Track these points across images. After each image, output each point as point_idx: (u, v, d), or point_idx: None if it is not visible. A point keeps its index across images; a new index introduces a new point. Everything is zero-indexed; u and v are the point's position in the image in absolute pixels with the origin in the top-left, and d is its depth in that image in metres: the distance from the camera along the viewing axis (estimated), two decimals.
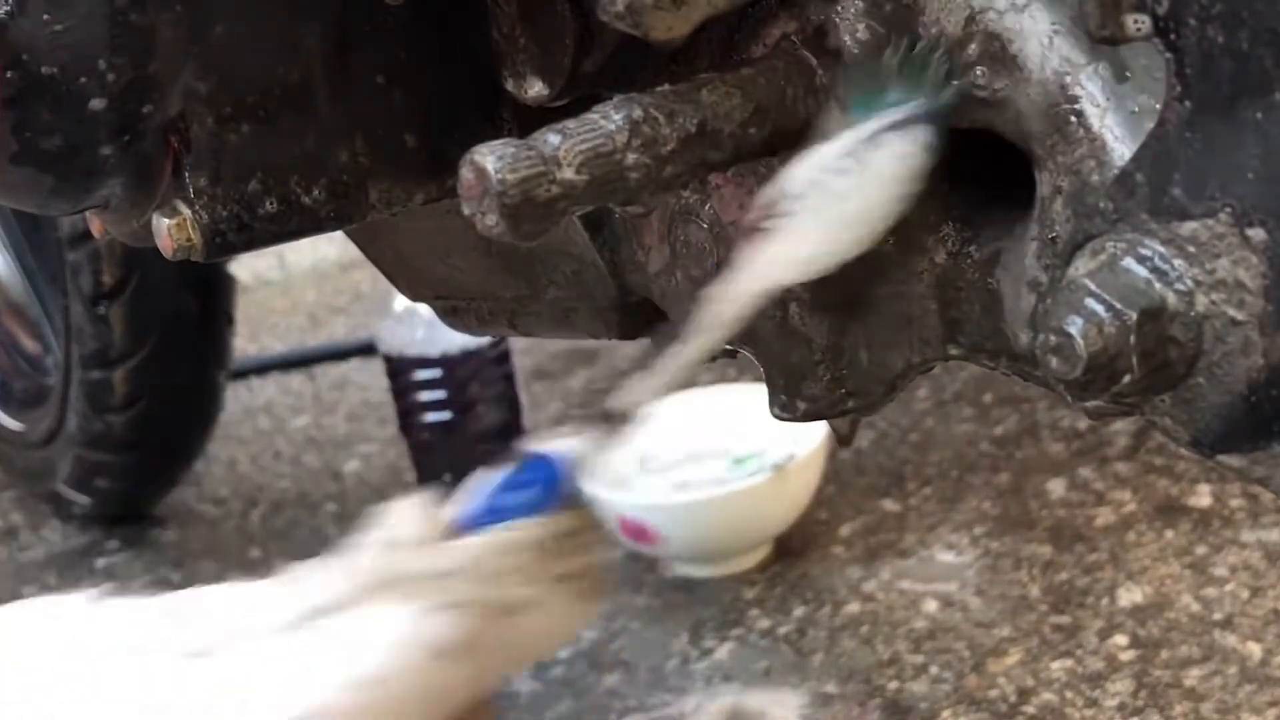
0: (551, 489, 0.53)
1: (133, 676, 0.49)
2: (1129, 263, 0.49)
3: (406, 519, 0.53)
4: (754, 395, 1.28)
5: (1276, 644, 1.09)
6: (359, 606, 0.50)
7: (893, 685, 1.13)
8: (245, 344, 1.89)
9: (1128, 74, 0.50)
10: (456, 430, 1.38)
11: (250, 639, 0.50)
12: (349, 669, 0.48)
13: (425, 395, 1.38)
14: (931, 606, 1.21)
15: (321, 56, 0.62)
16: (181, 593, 0.52)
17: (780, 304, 0.61)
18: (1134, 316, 0.47)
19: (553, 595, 0.52)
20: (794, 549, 1.32)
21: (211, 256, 0.61)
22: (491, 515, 0.53)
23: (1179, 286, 0.48)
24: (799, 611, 1.24)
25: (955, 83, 0.52)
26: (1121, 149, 0.50)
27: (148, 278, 1.39)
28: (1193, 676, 1.08)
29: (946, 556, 1.27)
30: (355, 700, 0.48)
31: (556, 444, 0.54)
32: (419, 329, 1.36)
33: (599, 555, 0.54)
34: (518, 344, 1.53)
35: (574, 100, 0.61)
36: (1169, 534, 1.24)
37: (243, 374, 1.86)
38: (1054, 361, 0.48)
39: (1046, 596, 1.19)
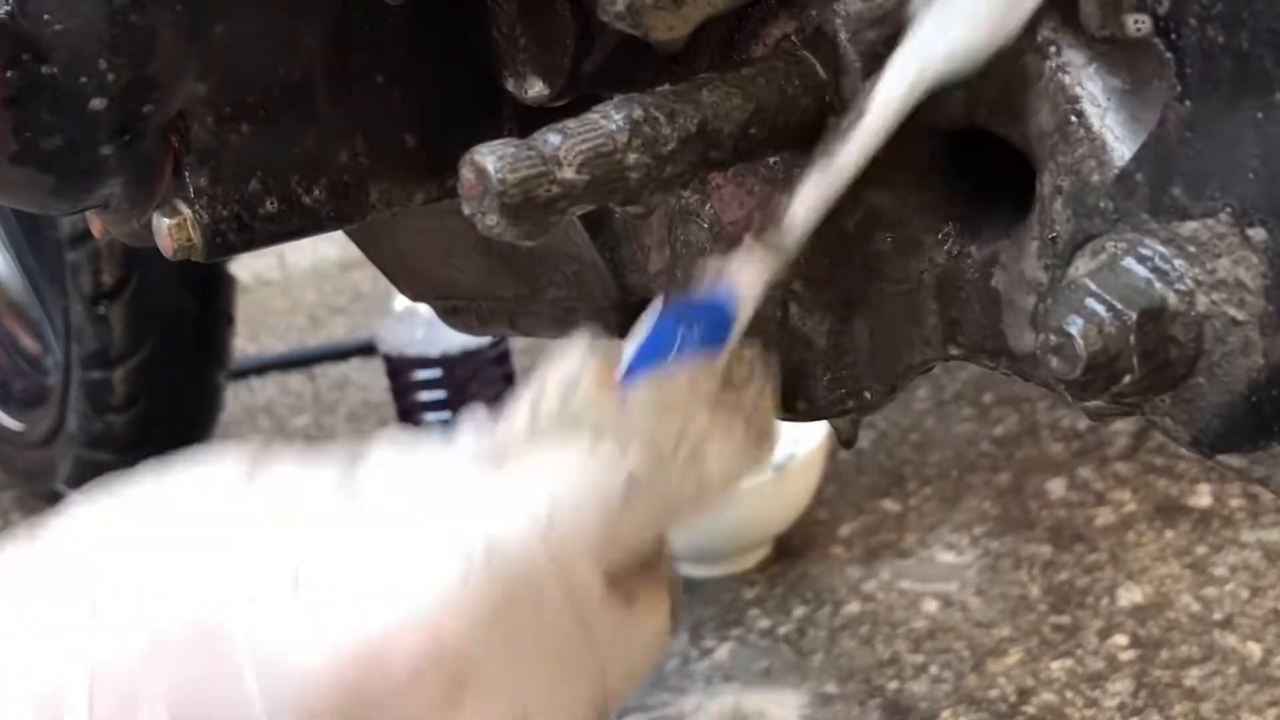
0: (716, 329, 0.53)
1: (310, 514, 0.48)
2: (1129, 263, 0.49)
3: (573, 365, 0.52)
4: None
5: (1276, 644, 1.10)
6: (540, 447, 0.50)
7: (893, 685, 1.13)
8: (245, 344, 1.89)
9: (1128, 74, 0.50)
10: None
11: (431, 476, 0.49)
12: (531, 506, 0.48)
13: (425, 395, 1.38)
14: (931, 606, 1.21)
15: (321, 56, 0.62)
16: (350, 446, 0.51)
17: (780, 304, 0.61)
18: (1134, 316, 0.47)
19: (728, 432, 0.52)
20: (794, 549, 1.32)
21: (212, 256, 0.61)
22: (661, 352, 0.53)
23: (1179, 286, 0.48)
24: (799, 611, 1.24)
25: None
26: (1122, 149, 0.50)
27: (148, 278, 1.39)
28: (1193, 676, 1.08)
29: (946, 556, 1.28)
30: (538, 536, 0.47)
31: (719, 276, 0.53)
32: (419, 329, 1.37)
33: (769, 389, 0.53)
34: (518, 344, 1.53)
35: (574, 100, 0.61)
36: (1169, 534, 1.24)
37: (243, 374, 1.86)
38: (1054, 361, 0.48)
39: (1046, 596, 1.19)
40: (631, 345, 0.53)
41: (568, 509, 0.48)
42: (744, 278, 0.53)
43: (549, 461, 0.49)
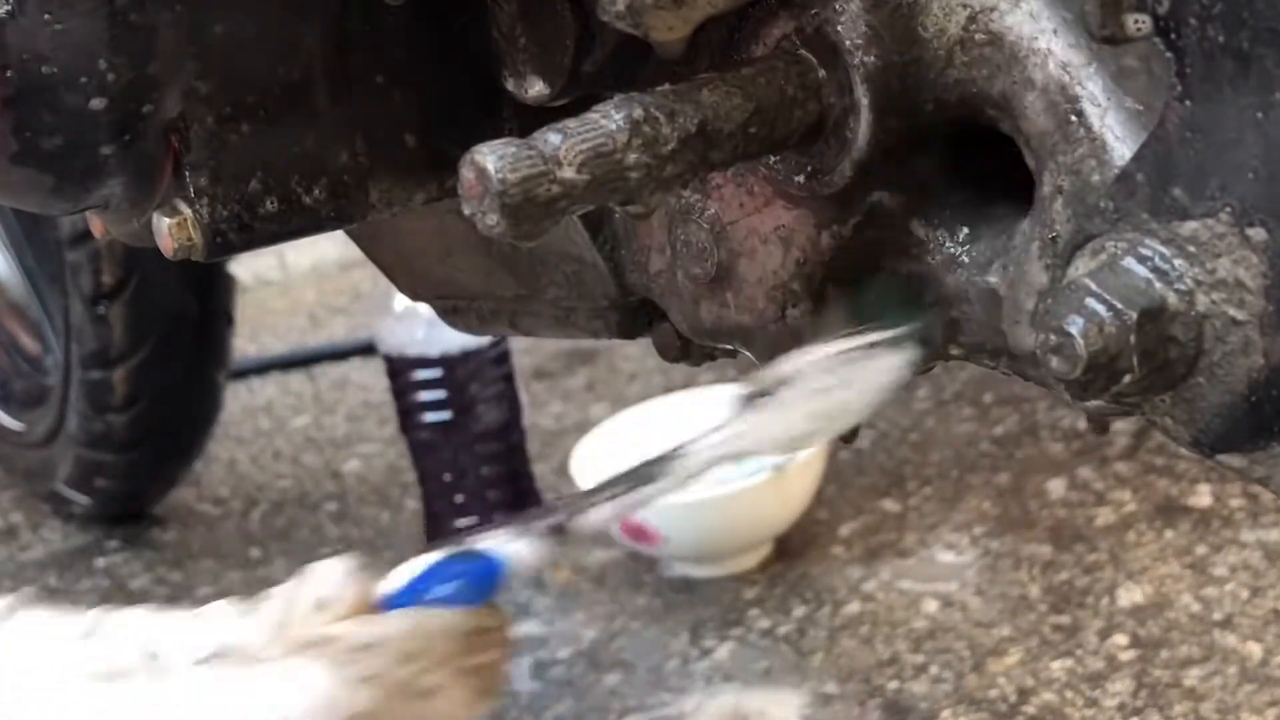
0: (479, 586, 0.55)
1: (34, 698, 0.50)
2: (1129, 262, 0.49)
3: (334, 581, 0.54)
4: None
5: (1276, 644, 1.09)
6: (277, 659, 0.51)
7: (893, 685, 1.13)
8: (245, 344, 1.89)
9: (1128, 74, 0.50)
10: (456, 430, 1.38)
11: (163, 670, 0.51)
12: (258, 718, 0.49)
13: (425, 395, 1.38)
14: (931, 606, 1.21)
15: (321, 56, 0.62)
16: (102, 613, 0.53)
17: (779, 305, 0.61)
18: (1134, 316, 0.47)
19: (456, 685, 0.54)
20: (794, 549, 1.32)
21: (212, 256, 0.61)
22: (415, 599, 0.55)
23: (1179, 286, 0.48)
24: (799, 611, 1.24)
25: (938, 314, 0.57)
26: (1122, 149, 0.50)
27: (148, 278, 1.39)
28: (1193, 676, 1.08)
29: (946, 556, 1.28)
30: None
31: (494, 542, 0.56)
32: (419, 329, 1.36)
33: (504, 656, 0.56)
34: (518, 344, 1.53)
35: (574, 100, 0.61)
36: (1169, 534, 1.24)
37: (243, 374, 1.86)
38: (1054, 361, 0.48)
39: (1046, 596, 1.19)
40: (390, 583, 0.55)
41: None
42: (521, 554, 0.56)
43: (285, 676, 0.51)
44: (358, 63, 0.63)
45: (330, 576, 0.54)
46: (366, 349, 1.85)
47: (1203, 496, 1.28)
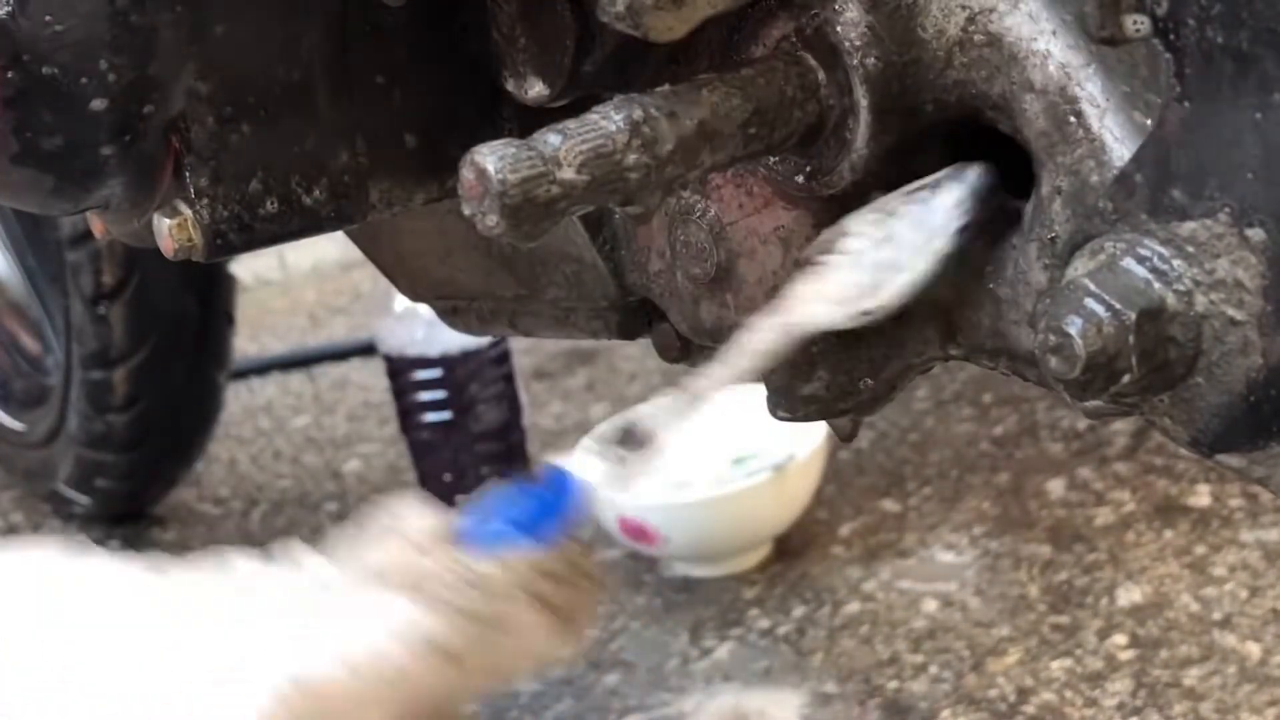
0: (560, 510, 0.55)
1: (121, 640, 0.51)
2: (1128, 263, 0.49)
3: (414, 517, 0.54)
4: (754, 395, 1.28)
5: (1275, 644, 1.10)
6: (363, 591, 0.52)
7: (892, 685, 1.13)
8: (245, 344, 1.89)
9: (1127, 74, 0.50)
10: (456, 430, 1.38)
11: (250, 609, 0.52)
12: (343, 647, 0.50)
13: (425, 395, 1.38)
14: (931, 606, 1.21)
15: (321, 56, 0.62)
16: (175, 561, 0.55)
17: None
18: (1133, 316, 0.47)
19: (541, 621, 0.54)
20: (794, 549, 1.32)
21: (212, 257, 0.62)
22: (497, 527, 0.54)
23: (1178, 286, 0.48)
24: (799, 611, 1.24)
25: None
26: (1121, 149, 0.50)
27: (148, 278, 1.39)
28: (1192, 676, 1.08)
29: (946, 556, 1.28)
30: (342, 678, 0.50)
31: (571, 462, 0.55)
32: (419, 329, 1.37)
33: (590, 592, 0.56)
34: (518, 344, 1.53)
35: (574, 100, 0.61)
36: (1168, 534, 1.24)
37: (243, 374, 1.86)
38: (1053, 361, 0.48)
39: (1046, 596, 1.19)
40: (468, 514, 0.56)
41: (372, 659, 0.52)
42: (587, 483, 0.56)
43: (370, 612, 0.53)
44: (358, 63, 0.63)
45: (407, 513, 0.55)
46: (366, 349, 1.85)
47: (1202, 496, 1.28)
